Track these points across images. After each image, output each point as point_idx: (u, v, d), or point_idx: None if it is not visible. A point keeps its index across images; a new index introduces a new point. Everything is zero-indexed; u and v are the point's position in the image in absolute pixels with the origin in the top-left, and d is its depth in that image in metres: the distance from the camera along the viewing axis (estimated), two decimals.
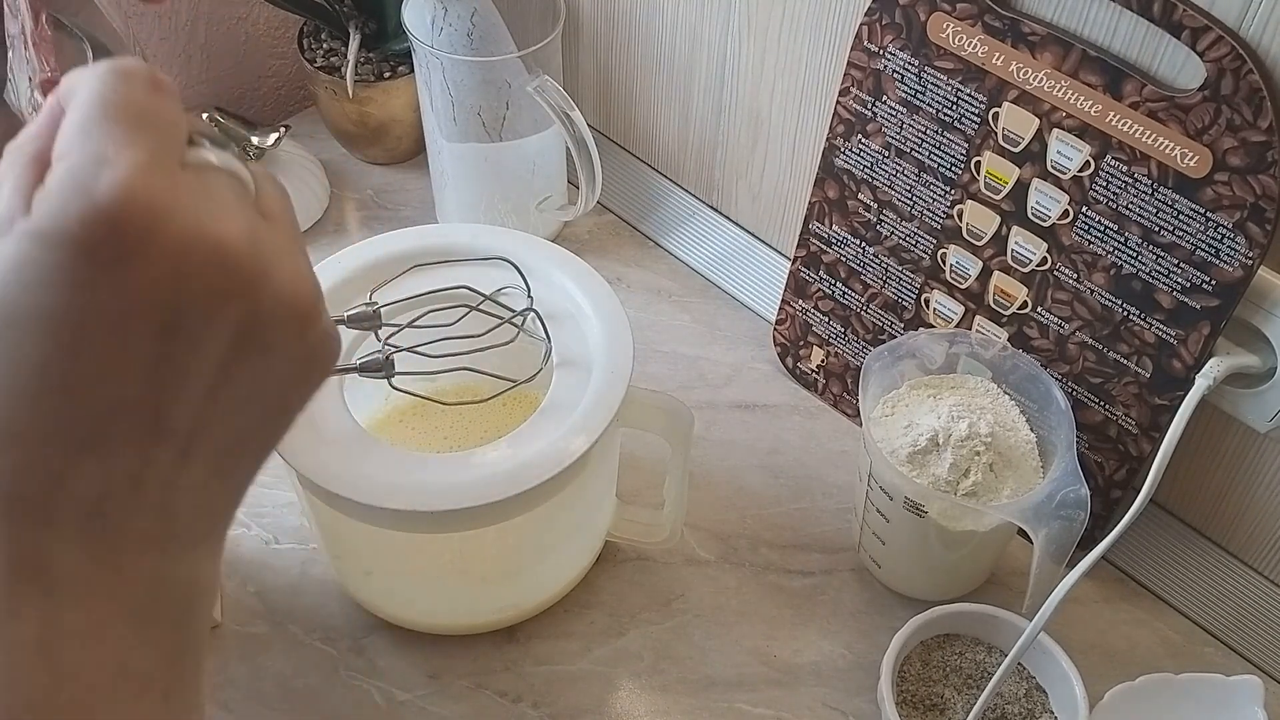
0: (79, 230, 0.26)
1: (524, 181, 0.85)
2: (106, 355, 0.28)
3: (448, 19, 0.80)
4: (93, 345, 0.27)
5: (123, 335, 0.27)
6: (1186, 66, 0.58)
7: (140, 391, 0.28)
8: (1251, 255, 0.59)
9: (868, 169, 0.72)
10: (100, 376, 0.28)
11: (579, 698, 0.66)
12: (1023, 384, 0.67)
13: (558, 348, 0.61)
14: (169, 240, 0.27)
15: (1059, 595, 0.59)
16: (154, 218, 0.27)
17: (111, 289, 0.27)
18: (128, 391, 0.28)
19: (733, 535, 0.73)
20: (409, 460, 0.58)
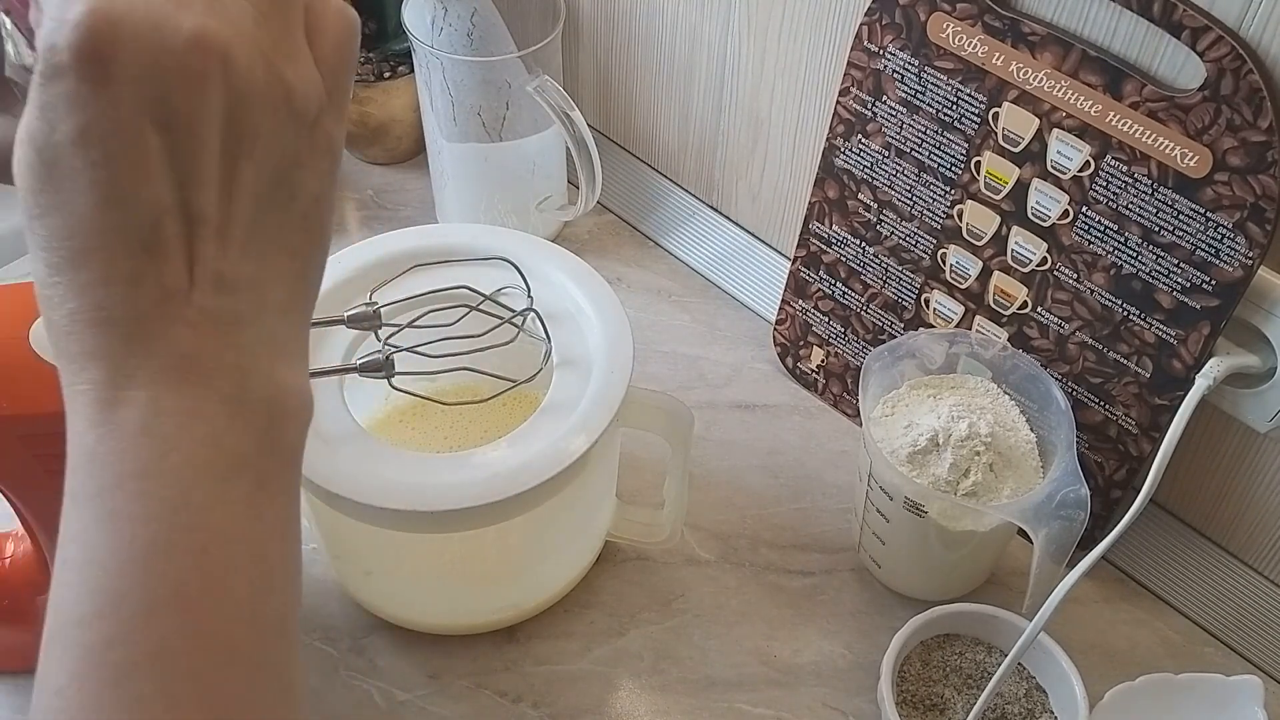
0: (67, 59, 0.30)
1: (524, 181, 0.85)
2: (129, 160, 0.31)
3: (448, 19, 0.80)
4: (116, 154, 0.31)
5: (134, 138, 0.31)
6: (1186, 66, 0.58)
7: (167, 188, 0.32)
8: (1251, 255, 0.59)
9: (868, 169, 0.72)
10: (132, 181, 0.32)
11: (579, 698, 0.66)
12: (1023, 384, 0.67)
13: (558, 348, 0.61)
14: (136, 38, 0.31)
15: (1059, 595, 0.59)
16: (115, 25, 0.30)
17: (109, 99, 0.31)
18: (157, 190, 0.32)
19: (733, 535, 0.73)
20: (409, 460, 0.58)
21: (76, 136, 0.31)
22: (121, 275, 0.32)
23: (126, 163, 0.31)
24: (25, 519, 0.57)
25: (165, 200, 0.32)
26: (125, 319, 0.32)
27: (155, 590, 0.32)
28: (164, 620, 0.32)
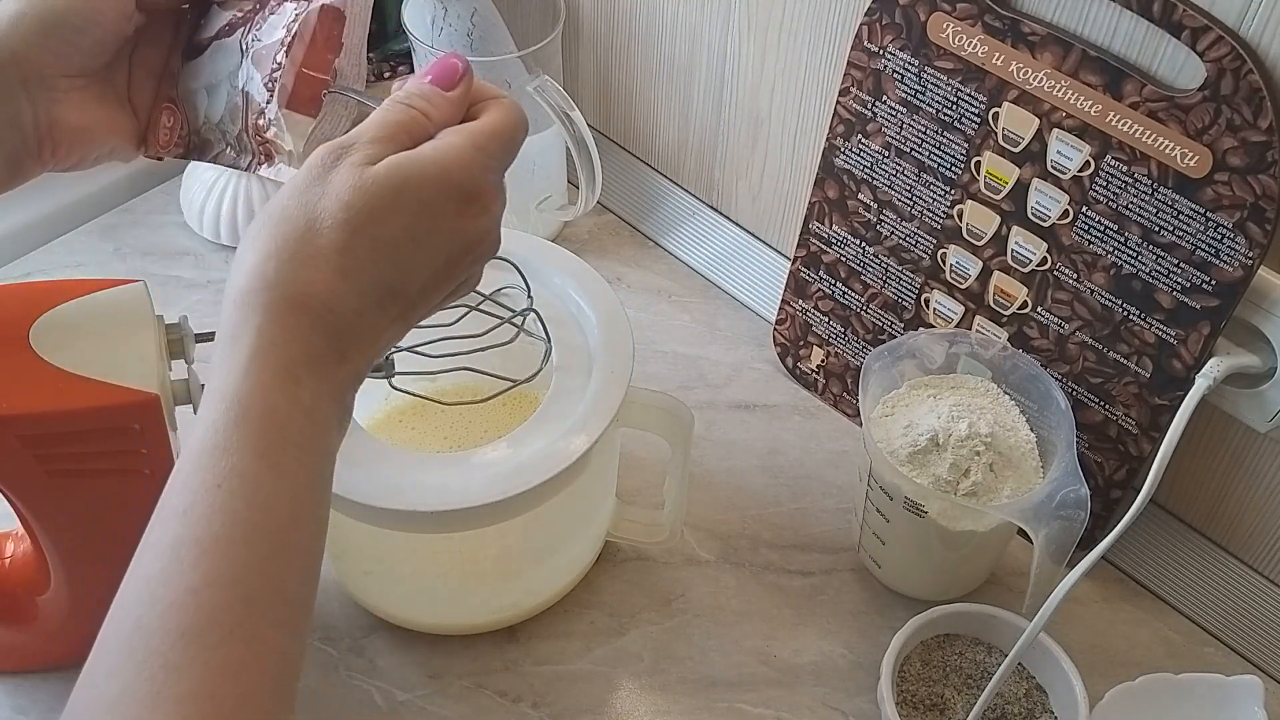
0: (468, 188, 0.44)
1: (524, 181, 0.85)
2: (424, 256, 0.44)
3: (448, 19, 0.80)
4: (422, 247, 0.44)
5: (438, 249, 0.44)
6: (1186, 66, 0.58)
7: (419, 285, 0.44)
8: (1251, 255, 0.59)
9: (868, 169, 0.72)
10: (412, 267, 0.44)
11: (579, 698, 0.66)
12: (1023, 384, 0.67)
13: (558, 348, 0.61)
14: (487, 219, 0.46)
15: (1059, 595, 0.59)
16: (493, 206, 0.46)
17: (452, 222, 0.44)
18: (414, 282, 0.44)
19: (733, 535, 0.73)
20: (409, 460, 0.58)
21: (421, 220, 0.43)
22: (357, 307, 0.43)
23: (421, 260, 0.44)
24: (25, 519, 0.57)
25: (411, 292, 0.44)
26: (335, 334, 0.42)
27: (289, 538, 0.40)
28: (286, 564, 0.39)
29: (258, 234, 0.43)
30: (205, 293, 0.85)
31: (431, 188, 0.43)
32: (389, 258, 0.43)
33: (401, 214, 0.43)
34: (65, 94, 0.52)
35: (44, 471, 0.53)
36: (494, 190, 0.46)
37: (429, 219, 0.43)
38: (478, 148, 0.45)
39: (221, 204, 0.86)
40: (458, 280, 0.46)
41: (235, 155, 0.55)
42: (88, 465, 0.54)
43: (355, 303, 0.42)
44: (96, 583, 0.60)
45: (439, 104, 0.46)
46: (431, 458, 0.60)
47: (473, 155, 0.44)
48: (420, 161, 0.44)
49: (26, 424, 0.51)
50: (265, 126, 0.53)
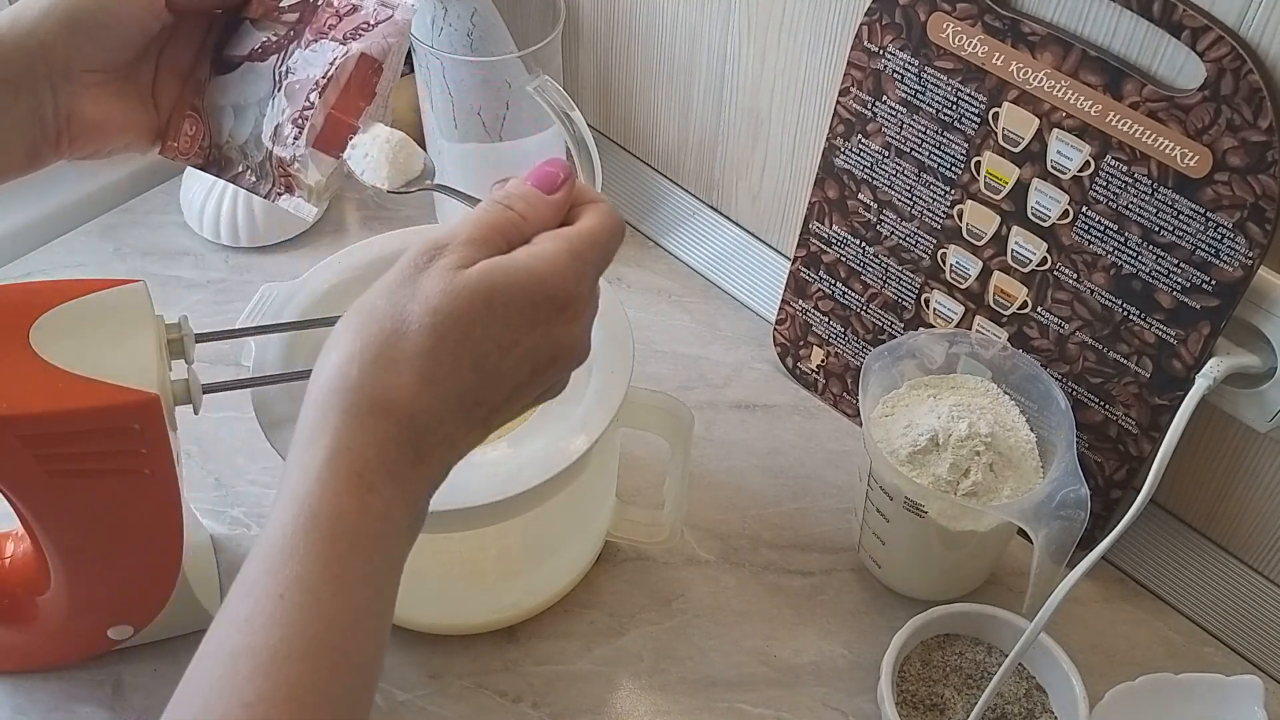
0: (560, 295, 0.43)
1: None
2: (510, 365, 0.43)
3: (448, 19, 0.80)
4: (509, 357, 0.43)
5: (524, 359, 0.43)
6: (1186, 66, 0.58)
7: (503, 394, 0.44)
8: (1251, 255, 0.59)
9: (868, 169, 0.72)
10: (498, 376, 0.43)
11: (579, 698, 0.66)
12: (1023, 384, 0.67)
13: None
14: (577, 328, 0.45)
15: (1059, 595, 0.59)
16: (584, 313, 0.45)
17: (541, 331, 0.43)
18: (499, 391, 0.43)
19: (733, 535, 0.73)
20: None
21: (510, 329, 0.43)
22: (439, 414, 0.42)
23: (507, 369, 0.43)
24: (25, 519, 0.57)
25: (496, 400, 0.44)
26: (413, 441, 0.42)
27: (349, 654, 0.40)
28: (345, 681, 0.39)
29: (344, 332, 0.42)
30: (205, 293, 0.85)
31: (523, 295, 0.42)
32: (475, 365, 0.42)
33: (490, 321, 0.42)
34: (86, 88, 0.52)
35: (44, 471, 0.53)
36: (587, 297, 0.45)
37: (518, 327, 0.43)
38: (574, 254, 0.44)
39: (221, 204, 0.86)
40: (544, 386, 0.45)
41: (255, 180, 0.55)
42: (88, 465, 0.54)
43: (437, 409, 0.42)
44: (96, 583, 0.60)
45: (538, 207, 0.46)
46: None
47: (568, 262, 0.44)
48: (513, 268, 0.43)
49: (26, 424, 0.51)
50: (290, 161, 0.53)
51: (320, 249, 0.88)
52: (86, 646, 0.65)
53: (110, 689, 0.65)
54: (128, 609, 0.63)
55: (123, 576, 0.61)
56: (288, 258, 0.88)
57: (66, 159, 0.54)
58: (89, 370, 0.52)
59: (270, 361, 0.60)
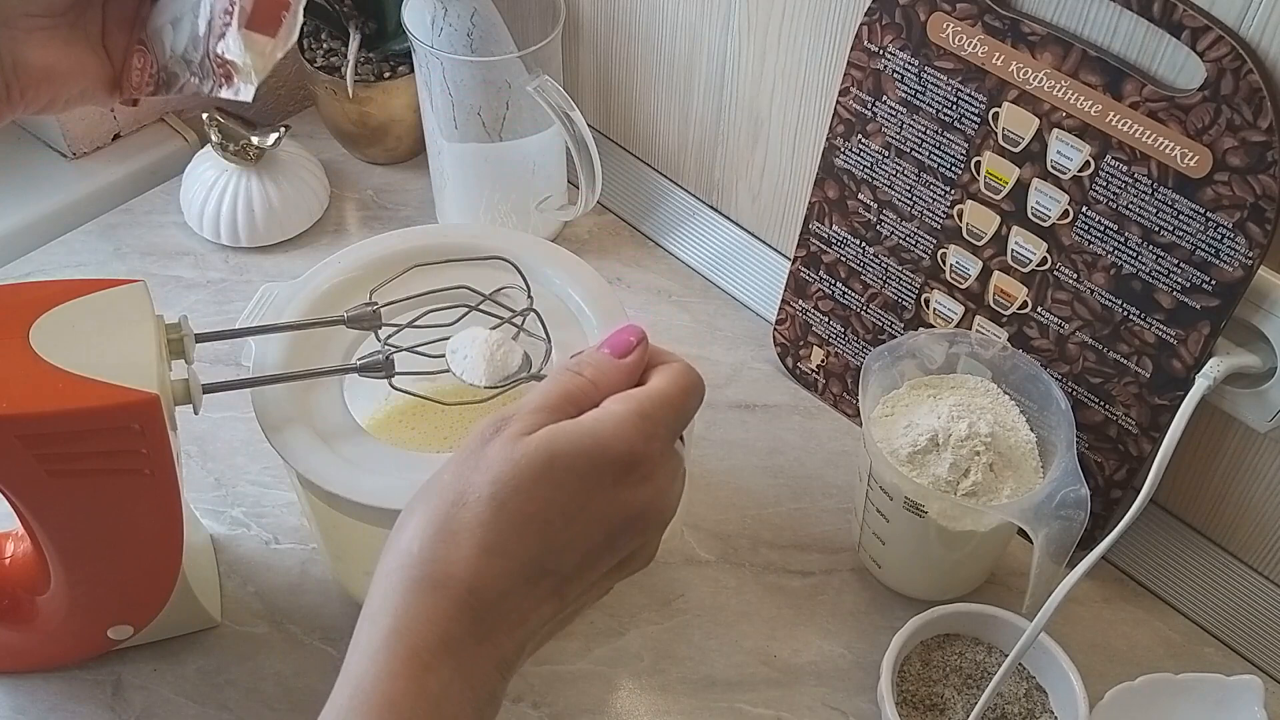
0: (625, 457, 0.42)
1: (524, 181, 0.85)
2: (579, 532, 0.41)
3: (448, 19, 0.80)
4: (577, 522, 0.41)
5: (594, 524, 0.42)
6: (1186, 66, 0.58)
7: (573, 562, 0.42)
8: (1251, 255, 0.59)
9: (868, 169, 0.72)
10: (565, 544, 0.41)
11: (579, 698, 0.66)
12: (1023, 384, 0.67)
13: (558, 348, 0.61)
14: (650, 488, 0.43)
15: (1059, 595, 0.59)
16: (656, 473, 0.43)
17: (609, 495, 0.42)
18: (569, 559, 0.42)
19: (733, 535, 0.73)
20: (409, 460, 0.58)
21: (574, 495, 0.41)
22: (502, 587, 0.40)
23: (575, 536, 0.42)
24: (25, 519, 0.57)
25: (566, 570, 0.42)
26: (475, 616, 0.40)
27: None
28: None
29: (414, 508, 0.42)
30: (205, 293, 0.85)
31: (584, 459, 0.41)
32: (538, 534, 0.41)
33: (552, 487, 0.41)
34: (29, 33, 0.51)
35: (44, 471, 0.53)
36: (658, 457, 0.43)
37: (583, 491, 0.41)
38: (642, 414, 0.43)
39: (221, 204, 0.86)
40: (623, 552, 0.44)
41: (199, 82, 0.54)
42: (88, 465, 0.54)
43: (500, 582, 0.40)
44: (96, 583, 0.60)
45: (608, 372, 0.45)
46: (431, 458, 0.60)
47: (636, 423, 0.42)
48: (577, 432, 0.42)
49: (26, 424, 0.51)
50: (226, 50, 0.52)
51: (320, 249, 0.88)
52: (86, 646, 0.65)
53: (110, 689, 0.65)
54: (128, 609, 0.63)
55: (123, 576, 0.61)
56: (288, 258, 0.88)
57: (23, 113, 0.53)
58: (89, 370, 0.52)
59: (270, 361, 0.60)
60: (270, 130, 0.87)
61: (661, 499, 0.44)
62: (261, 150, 0.86)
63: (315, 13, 0.89)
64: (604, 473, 0.41)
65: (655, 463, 0.43)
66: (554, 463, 0.41)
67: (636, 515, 0.43)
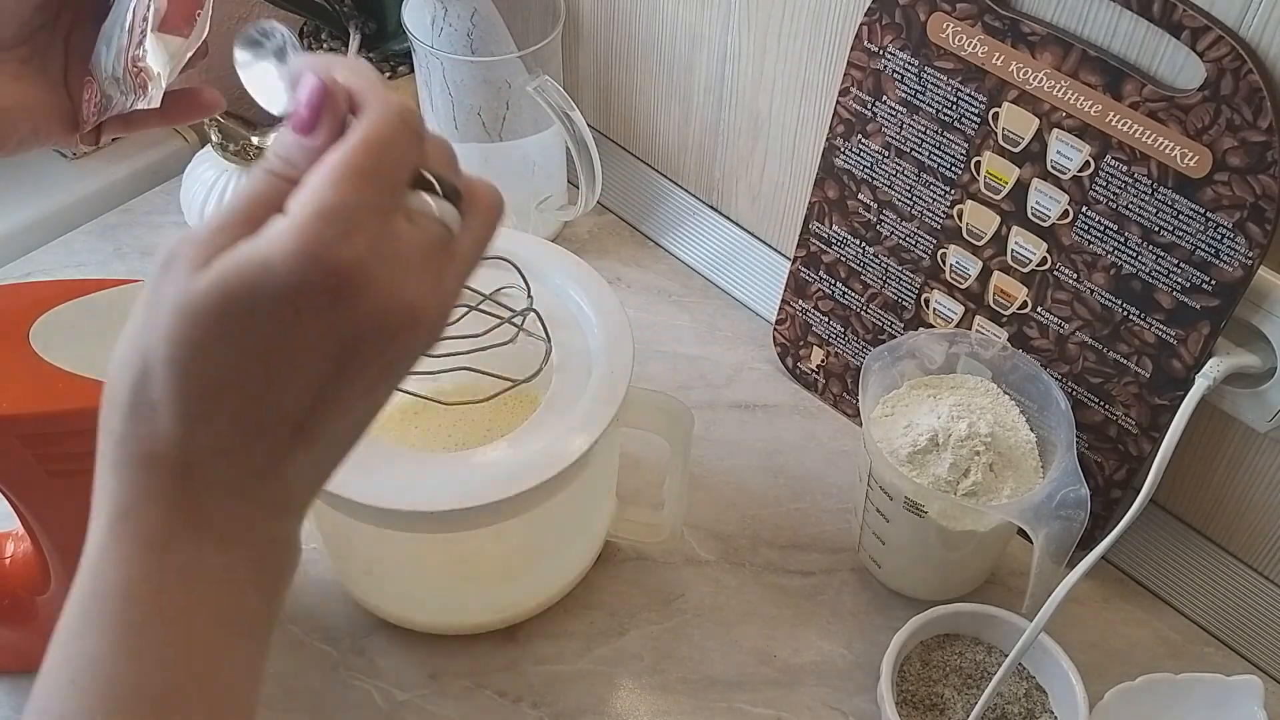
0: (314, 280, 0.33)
1: (524, 181, 0.85)
2: (295, 375, 0.34)
3: (448, 19, 0.80)
4: (287, 367, 0.34)
5: (311, 362, 0.34)
6: (1186, 66, 0.58)
7: (304, 403, 0.35)
8: (1251, 255, 0.59)
9: (868, 169, 0.72)
10: (279, 387, 0.34)
11: (579, 698, 0.66)
12: (1023, 384, 0.67)
13: (558, 348, 0.61)
14: (374, 297, 0.34)
15: (1059, 595, 0.59)
16: (371, 281, 0.33)
17: (316, 325, 0.33)
18: (296, 403, 0.35)
19: (733, 535, 0.73)
20: (409, 460, 0.58)
21: (269, 341, 0.33)
22: (222, 447, 0.35)
23: (292, 380, 0.35)
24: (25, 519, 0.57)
25: (297, 413, 0.35)
26: (204, 483, 0.35)
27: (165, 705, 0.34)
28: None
29: (110, 379, 0.36)
30: None
31: (264, 295, 0.33)
32: (239, 392, 0.34)
33: (236, 337, 0.33)
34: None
35: (44, 471, 0.53)
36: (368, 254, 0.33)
37: (276, 334, 0.33)
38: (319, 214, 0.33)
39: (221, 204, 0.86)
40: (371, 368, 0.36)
41: (125, 98, 0.52)
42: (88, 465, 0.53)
43: (218, 447, 0.35)
44: None
45: (297, 157, 0.35)
46: (431, 458, 0.60)
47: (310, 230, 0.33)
48: (246, 260, 0.33)
49: (26, 424, 0.51)
50: (141, 56, 0.50)
51: None
52: None
53: None
54: None
55: None
56: None
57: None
58: (89, 370, 0.52)
59: None
60: (271, 130, 0.87)
61: (393, 301, 0.34)
62: (262, 150, 0.86)
63: (315, 13, 0.89)
64: (293, 304, 0.33)
65: (364, 265, 0.33)
66: (229, 307, 0.33)
67: (366, 332, 0.34)
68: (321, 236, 0.33)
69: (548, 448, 0.57)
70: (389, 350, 0.36)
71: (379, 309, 0.34)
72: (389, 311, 0.34)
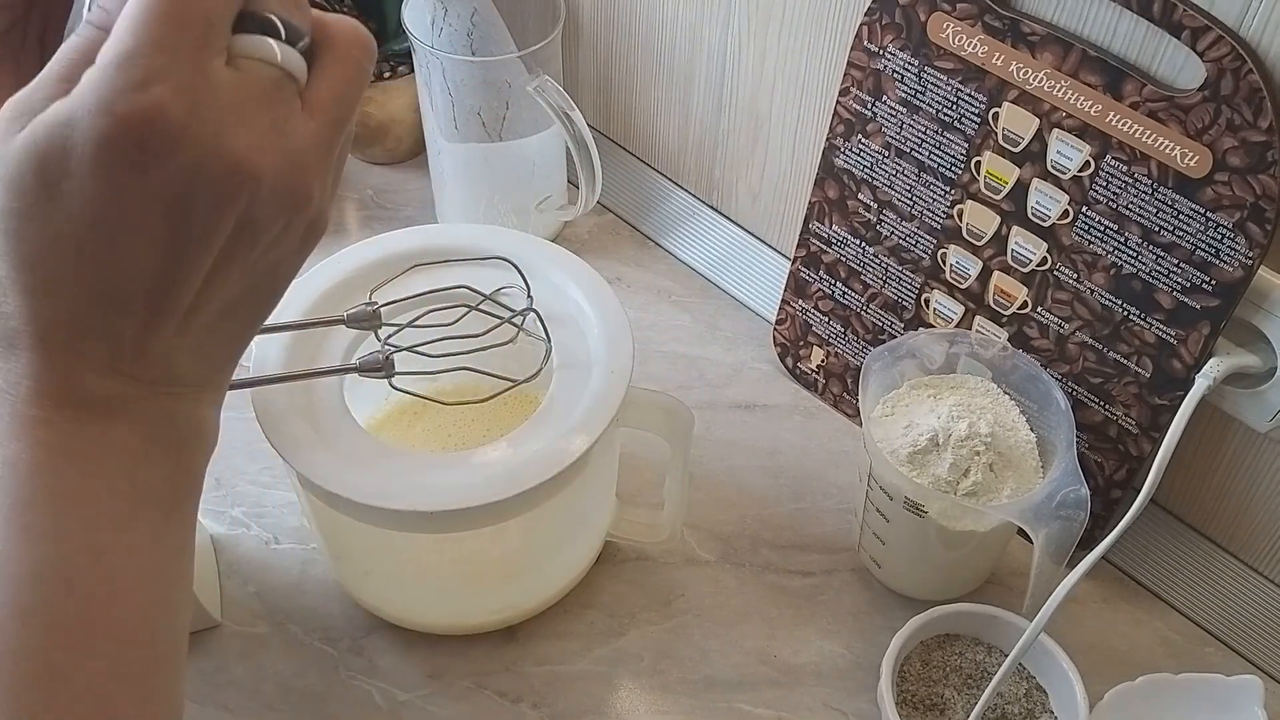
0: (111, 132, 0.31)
1: (524, 181, 0.85)
2: (126, 238, 0.33)
3: (448, 19, 0.80)
4: (114, 228, 0.32)
5: (139, 223, 0.32)
6: (1186, 66, 0.58)
7: (150, 269, 0.33)
8: (1251, 255, 0.59)
9: (868, 169, 0.72)
10: (117, 252, 0.33)
11: (579, 698, 0.66)
12: (1023, 384, 0.67)
13: (558, 348, 0.61)
14: (189, 149, 0.32)
15: (1059, 595, 0.59)
16: (179, 130, 0.31)
17: (133, 183, 0.32)
18: (139, 269, 0.33)
19: (733, 535, 0.73)
20: (409, 460, 0.58)
21: (87, 198, 0.32)
22: (77, 323, 0.34)
23: (125, 243, 0.33)
24: None
25: (145, 281, 0.33)
26: (68, 356, 0.34)
27: (61, 608, 0.33)
28: (66, 638, 0.33)
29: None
30: None
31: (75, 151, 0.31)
32: (76, 258, 0.33)
33: (59, 199, 0.32)
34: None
35: None
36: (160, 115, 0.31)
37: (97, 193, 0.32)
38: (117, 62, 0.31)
39: None
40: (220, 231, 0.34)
41: None
42: None
43: (69, 317, 0.33)
44: None
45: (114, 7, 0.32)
46: (431, 458, 0.60)
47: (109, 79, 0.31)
48: (54, 119, 0.31)
49: None
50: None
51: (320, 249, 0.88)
52: None
53: None
54: None
55: None
56: None
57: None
58: None
59: (270, 361, 0.60)
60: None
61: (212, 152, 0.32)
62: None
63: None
64: (102, 162, 0.31)
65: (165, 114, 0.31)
66: (44, 171, 0.32)
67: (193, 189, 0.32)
68: (115, 86, 0.31)
69: (548, 448, 0.57)
70: (233, 210, 0.33)
71: (196, 161, 0.32)
72: (210, 164, 0.32)
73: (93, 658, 0.33)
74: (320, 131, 0.35)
